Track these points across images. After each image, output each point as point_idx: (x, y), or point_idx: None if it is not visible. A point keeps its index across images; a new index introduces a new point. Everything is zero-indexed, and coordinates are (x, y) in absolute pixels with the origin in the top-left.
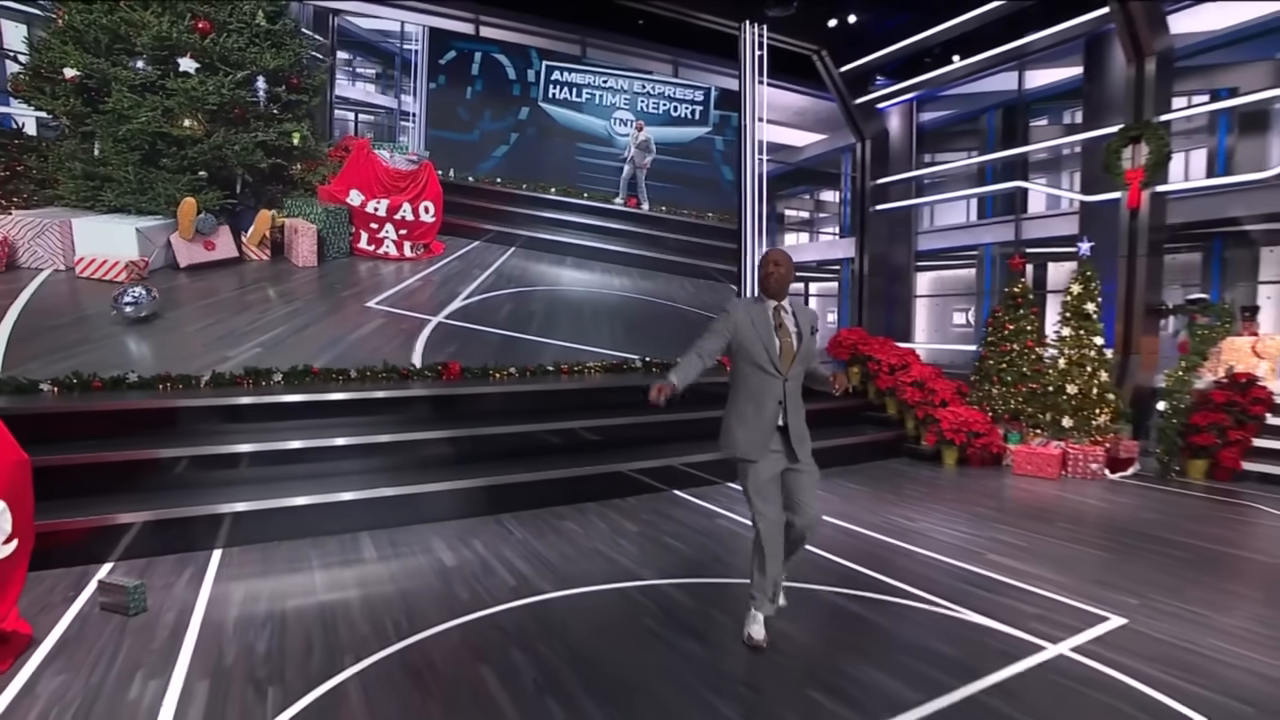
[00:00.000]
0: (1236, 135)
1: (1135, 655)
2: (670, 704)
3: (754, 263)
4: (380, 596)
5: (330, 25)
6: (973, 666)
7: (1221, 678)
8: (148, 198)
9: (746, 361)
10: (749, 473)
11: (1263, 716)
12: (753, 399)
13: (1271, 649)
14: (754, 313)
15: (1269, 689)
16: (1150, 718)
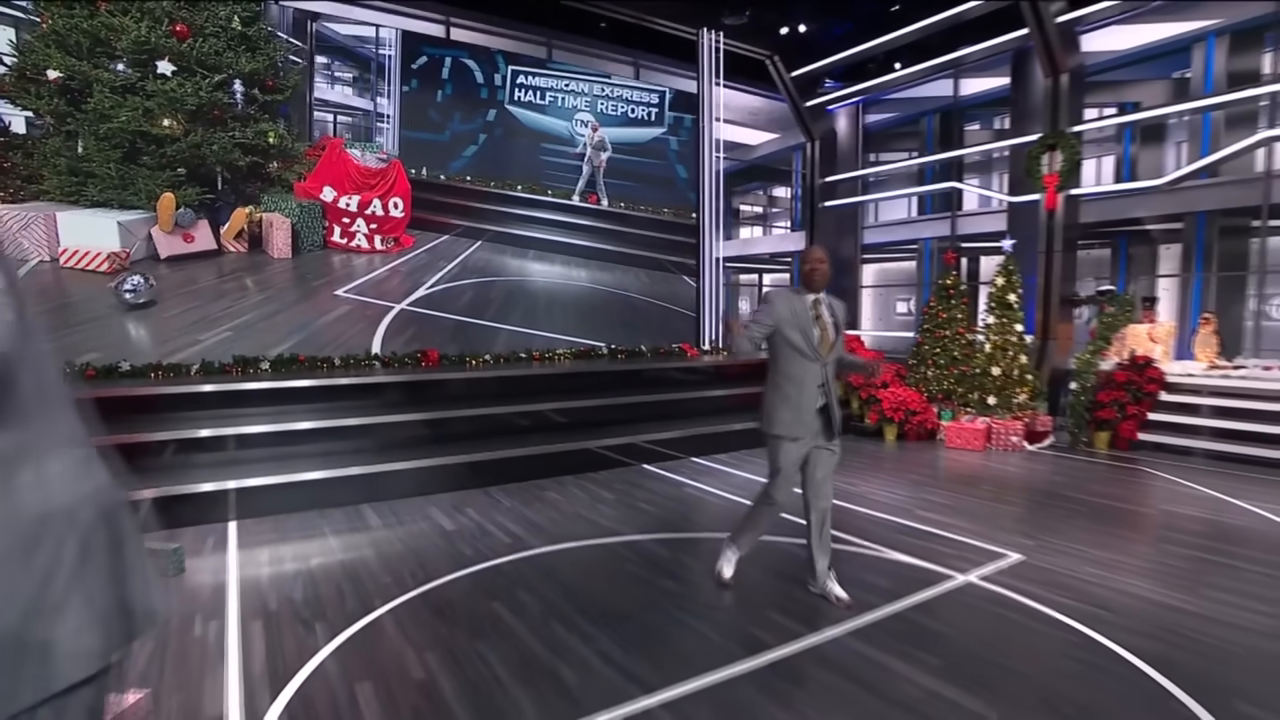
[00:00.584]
0: (1139, 145)
1: (1026, 580)
2: (654, 626)
3: (711, 254)
4: (393, 554)
5: (309, 31)
6: (898, 592)
7: (1088, 594)
8: (129, 193)
9: (788, 347)
10: (781, 450)
11: (1115, 617)
12: (794, 383)
13: (1130, 573)
14: (794, 304)
15: (1121, 600)
16: (1030, 620)
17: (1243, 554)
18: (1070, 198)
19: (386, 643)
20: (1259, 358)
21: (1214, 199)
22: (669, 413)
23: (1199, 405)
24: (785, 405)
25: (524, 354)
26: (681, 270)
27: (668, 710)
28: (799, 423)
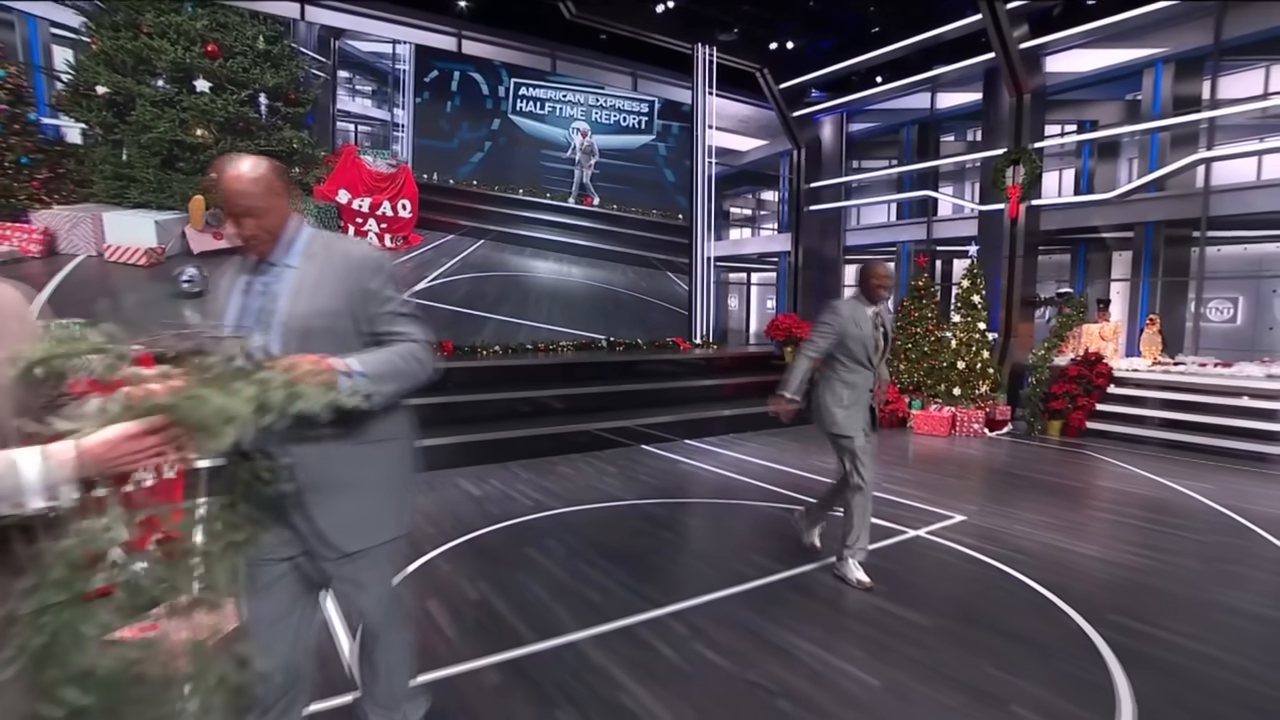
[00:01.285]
0: (1097, 160)
1: (964, 534)
2: (658, 563)
3: (703, 254)
4: (433, 513)
5: (332, 48)
6: None
7: (1012, 544)
8: (166, 195)
9: (847, 355)
10: (853, 445)
11: (1031, 560)
12: (851, 387)
13: (1051, 530)
14: (857, 314)
15: (1038, 548)
16: (962, 562)
17: (1149, 517)
18: (1031, 208)
19: (443, 574)
20: (1197, 355)
21: (1160, 211)
22: (663, 400)
23: (1142, 397)
24: (839, 406)
25: (530, 345)
26: (667, 267)
27: (674, 618)
28: (854, 422)
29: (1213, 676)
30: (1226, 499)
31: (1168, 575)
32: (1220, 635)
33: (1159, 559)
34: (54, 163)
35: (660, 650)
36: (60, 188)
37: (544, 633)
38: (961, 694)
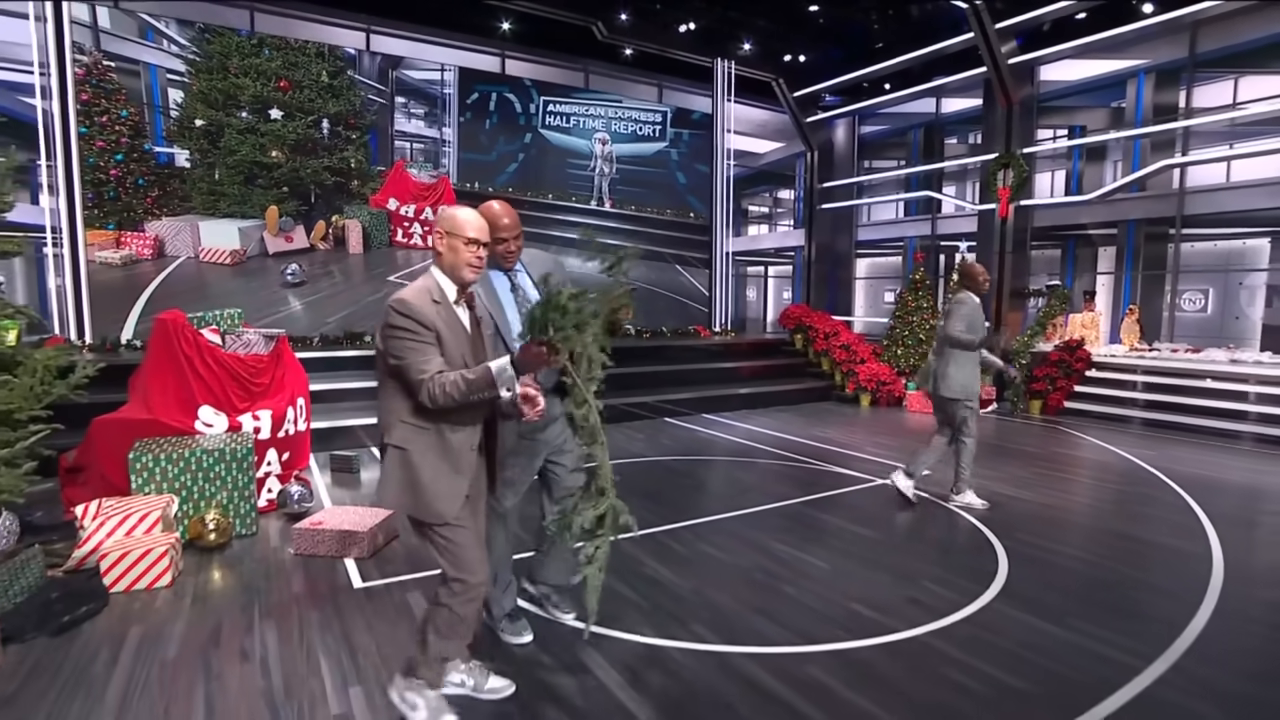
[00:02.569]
0: (1085, 162)
1: (925, 484)
2: (681, 500)
3: (722, 249)
4: None
5: (390, 78)
6: (838, 486)
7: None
8: (248, 206)
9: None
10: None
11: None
12: (971, 359)
13: (996, 481)
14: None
15: (994, 497)
16: (926, 505)
17: (1087, 474)
18: (1022, 207)
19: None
20: (1172, 342)
21: (1141, 210)
22: (684, 380)
23: (1116, 380)
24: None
25: None
26: (678, 262)
27: (685, 530)
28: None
29: (1074, 570)
30: (1162, 463)
31: (1078, 512)
32: (1096, 547)
33: (1078, 502)
34: (163, 183)
35: (673, 548)
36: (168, 203)
37: None
38: (887, 574)
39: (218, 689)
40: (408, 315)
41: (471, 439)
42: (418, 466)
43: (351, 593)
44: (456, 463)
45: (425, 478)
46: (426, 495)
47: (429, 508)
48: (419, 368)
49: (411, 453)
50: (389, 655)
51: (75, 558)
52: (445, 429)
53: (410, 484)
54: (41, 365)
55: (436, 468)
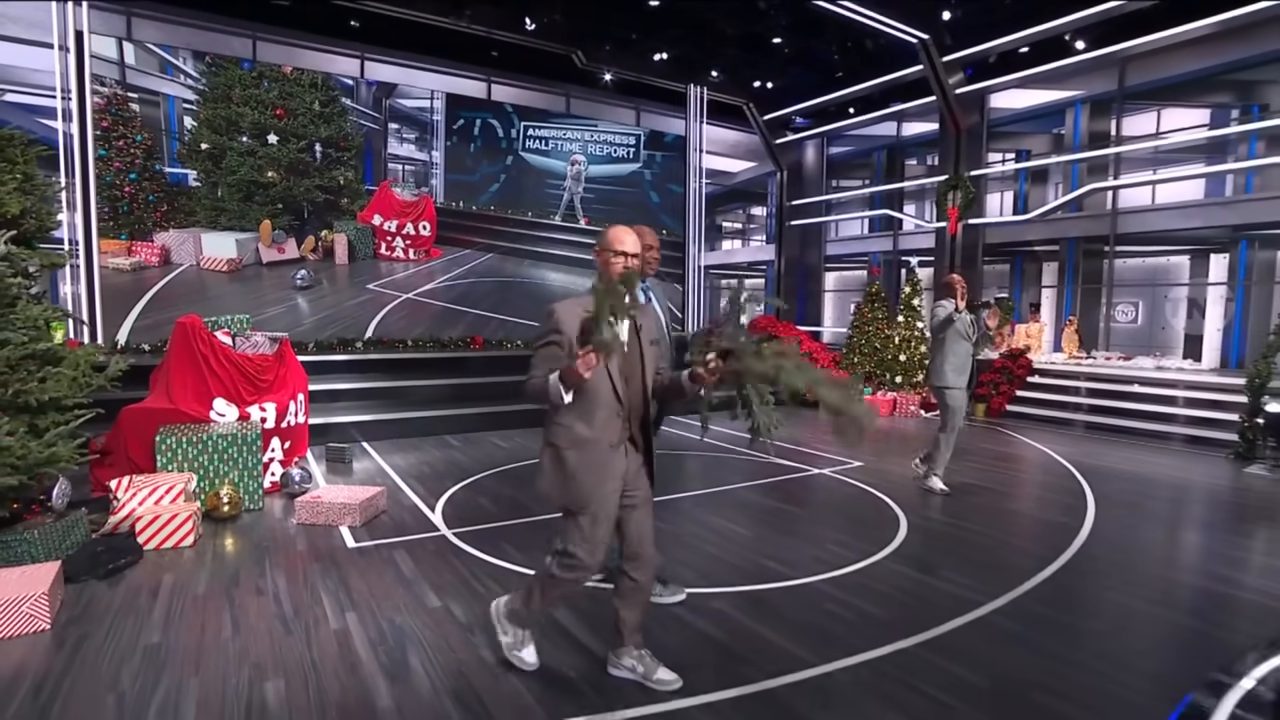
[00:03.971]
0: (1030, 184)
1: (854, 473)
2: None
3: (696, 263)
4: (473, 457)
5: (384, 105)
6: (778, 474)
7: (884, 475)
8: (245, 221)
9: (961, 337)
10: (960, 406)
11: (890, 486)
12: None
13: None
14: None
15: (900, 480)
16: (842, 486)
17: (1002, 465)
18: (970, 225)
19: (490, 486)
20: (1107, 350)
21: (1079, 229)
22: None
23: (1056, 385)
24: (948, 365)
25: None
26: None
27: None
28: (963, 391)
29: (960, 537)
30: (1076, 458)
31: (983, 495)
32: (986, 521)
33: (987, 487)
34: (171, 199)
35: None
36: (174, 216)
37: None
38: (800, 539)
39: (240, 613)
40: (549, 319)
41: (607, 437)
42: (564, 461)
43: (346, 551)
44: (596, 458)
45: (569, 471)
46: (570, 486)
47: (571, 497)
48: (535, 366)
49: (559, 449)
50: (378, 593)
51: (111, 522)
52: (581, 427)
53: (558, 476)
54: (83, 360)
55: (578, 463)
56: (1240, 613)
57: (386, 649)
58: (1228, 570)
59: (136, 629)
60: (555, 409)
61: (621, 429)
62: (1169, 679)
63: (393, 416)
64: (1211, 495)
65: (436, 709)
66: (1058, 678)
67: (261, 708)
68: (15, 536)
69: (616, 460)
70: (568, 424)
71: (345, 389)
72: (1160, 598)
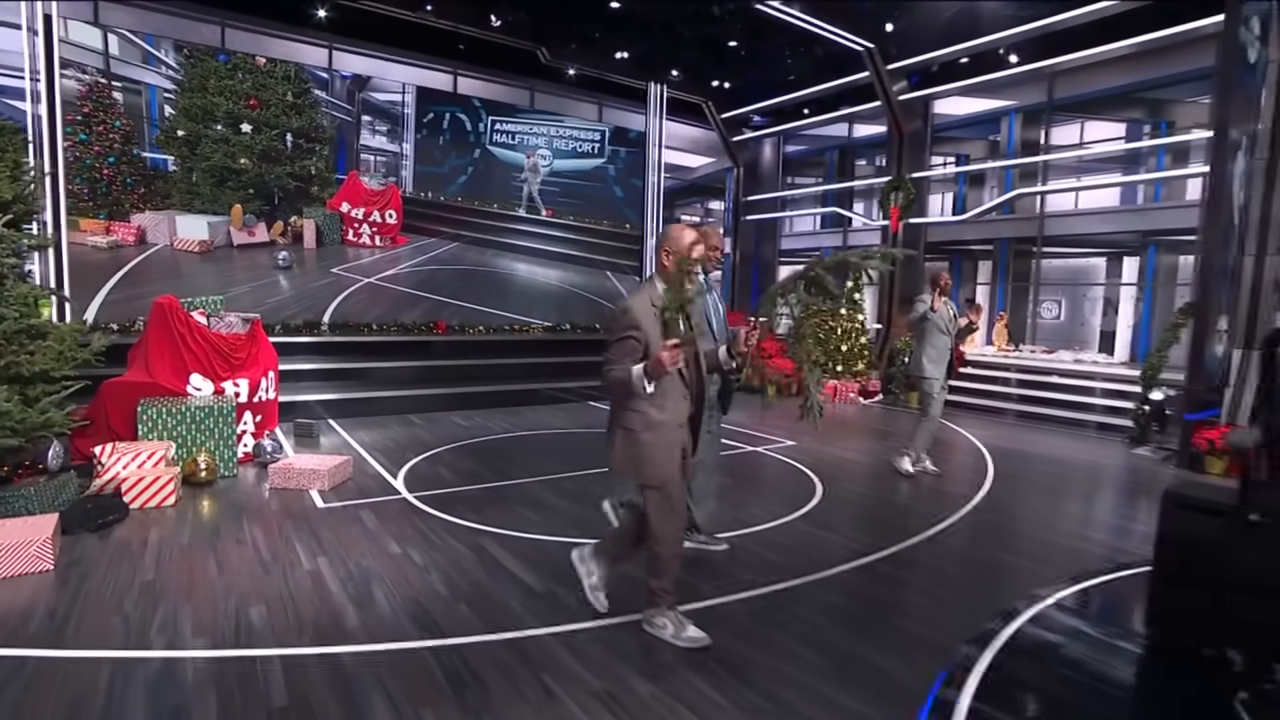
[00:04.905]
0: (969, 187)
1: (785, 451)
2: (580, 457)
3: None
4: (435, 434)
5: (356, 99)
6: None
7: (811, 454)
8: (218, 205)
9: (939, 332)
10: (933, 389)
11: (814, 461)
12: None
13: (845, 449)
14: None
15: (826, 457)
16: (774, 462)
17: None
18: (912, 224)
19: (449, 459)
20: (1033, 344)
21: (1011, 230)
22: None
23: (986, 375)
24: (931, 362)
25: (508, 327)
26: (609, 269)
27: (582, 476)
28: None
29: (866, 503)
30: (989, 440)
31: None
32: (894, 490)
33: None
34: (148, 182)
35: (566, 488)
36: (151, 199)
37: (512, 475)
38: (726, 504)
39: (223, 558)
40: (624, 316)
41: (678, 417)
42: (639, 442)
43: (316, 510)
44: (667, 437)
45: (645, 451)
46: (644, 464)
47: (648, 474)
48: (610, 358)
49: (634, 432)
50: (345, 543)
51: (97, 484)
52: (653, 411)
53: (632, 455)
54: (68, 335)
55: (652, 442)
56: (1081, 559)
57: (353, 584)
58: (1083, 529)
59: (131, 570)
60: (630, 396)
61: (687, 409)
62: (1001, 604)
63: (357, 395)
64: (1098, 473)
65: (396, 627)
66: (915, 606)
67: (248, 627)
68: (12, 492)
69: (682, 436)
70: (642, 410)
71: (311, 369)
72: (1018, 549)
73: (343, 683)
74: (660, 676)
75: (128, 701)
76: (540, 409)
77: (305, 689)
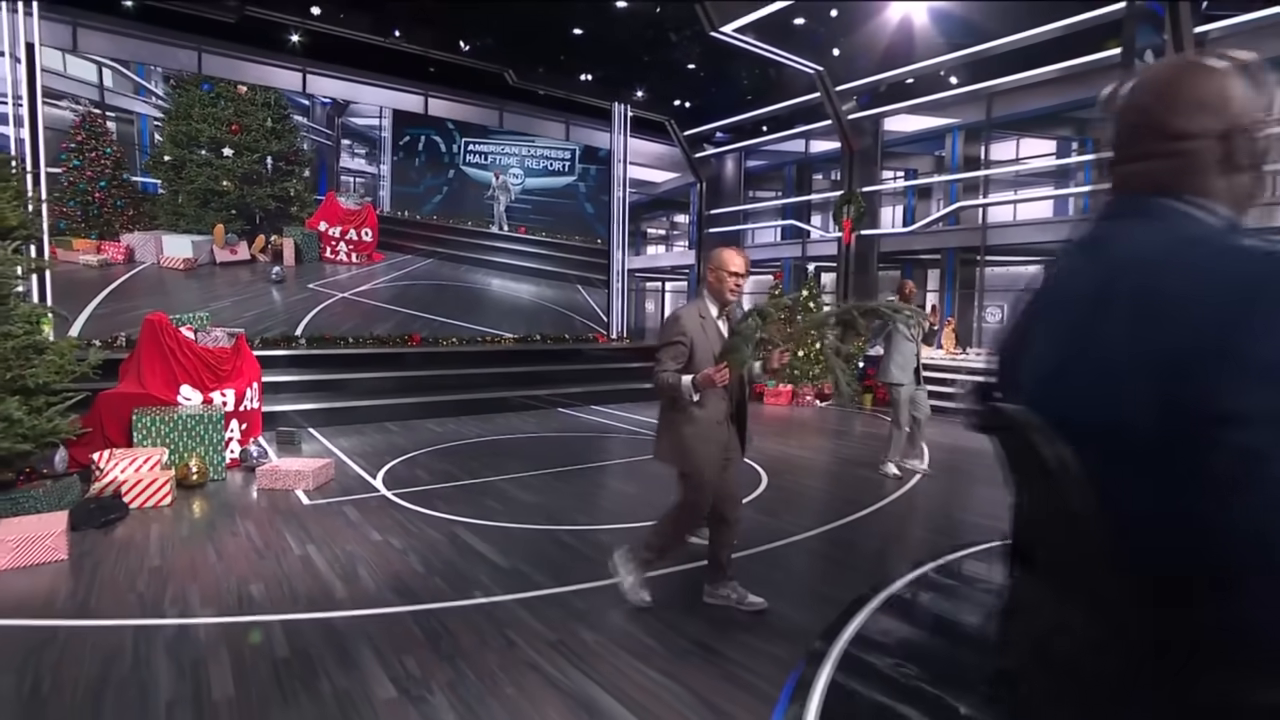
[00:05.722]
0: (918, 199)
1: None
2: (542, 457)
3: (619, 267)
4: (412, 439)
5: (336, 123)
6: None
7: (771, 454)
8: (202, 225)
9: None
10: (900, 394)
11: (761, 455)
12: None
13: (788, 444)
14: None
15: (770, 449)
16: None
17: (872, 443)
18: (861, 236)
19: (425, 461)
20: (979, 347)
21: (957, 240)
22: (578, 378)
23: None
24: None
25: (480, 339)
26: (580, 283)
27: (544, 474)
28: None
29: (806, 494)
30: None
31: (840, 463)
32: (835, 483)
33: (845, 458)
34: (137, 204)
35: (531, 483)
36: (139, 220)
37: (483, 475)
38: None
39: (221, 548)
40: (674, 324)
41: (716, 415)
42: (683, 436)
43: (303, 506)
44: (706, 432)
45: (687, 443)
46: (687, 454)
47: (687, 462)
48: (661, 363)
49: (679, 426)
50: (331, 533)
51: (96, 487)
52: (697, 410)
53: (675, 445)
54: (66, 350)
55: (692, 435)
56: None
57: (340, 565)
58: (1000, 512)
59: (139, 558)
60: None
61: (726, 408)
62: (907, 566)
63: (337, 405)
64: None
65: (379, 597)
66: (828, 573)
67: (249, 599)
68: (22, 494)
69: (721, 432)
70: (684, 407)
71: (291, 380)
72: (934, 525)
73: (336, 639)
74: (604, 629)
75: (153, 657)
76: (511, 415)
77: (304, 644)
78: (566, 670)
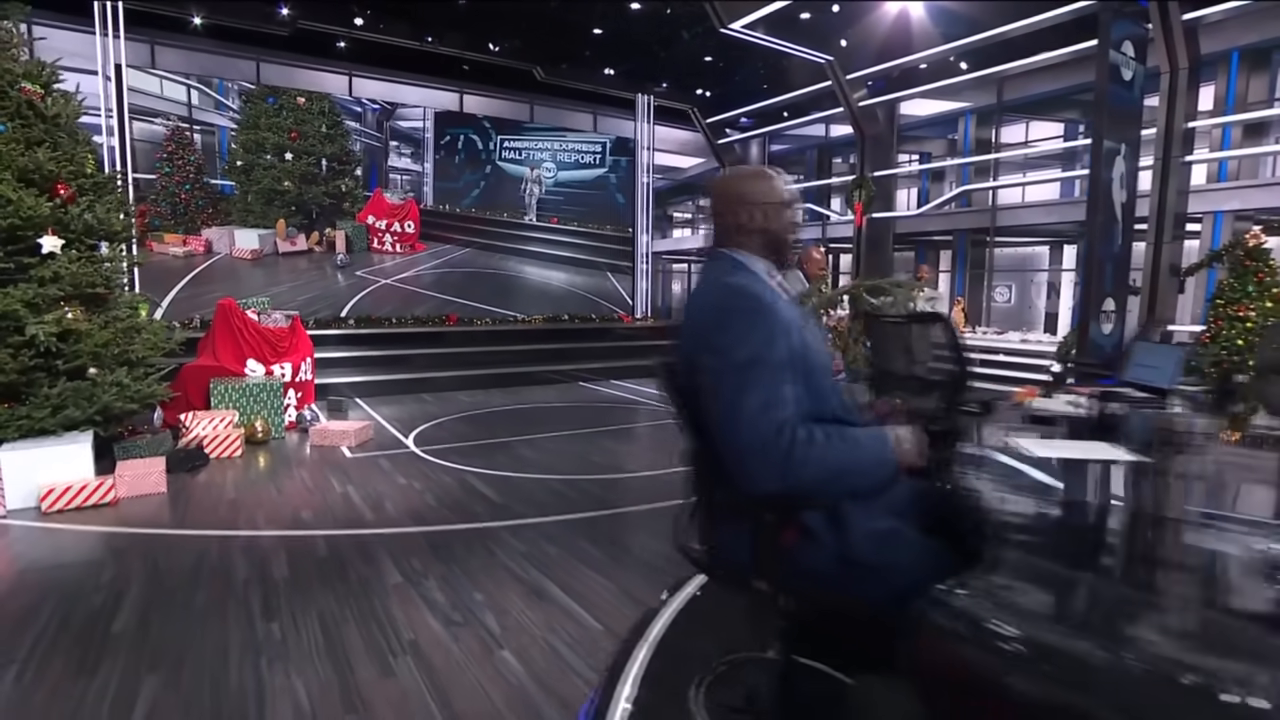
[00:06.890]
0: (931, 182)
1: None
2: (558, 422)
3: (643, 250)
4: (444, 408)
5: (384, 126)
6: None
7: None
8: (266, 220)
9: None
10: None
11: None
12: None
13: None
14: None
15: None
16: None
17: None
18: (872, 219)
19: (451, 425)
20: (986, 326)
21: (968, 222)
22: (602, 354)
23: None
24: None
25: (515, 317)
26: (609, 269)
27: (558, 436)
28: None
29: None
30: None
31: None
32: None
33: None
34: (215, 204)
35: (543, 444)
36: (217, 217)
37: (499, 436)
38: (663, 455)
39: (281, 486)
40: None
41: None
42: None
43: (346, 458)
44: None
45: None
46: None
47: None
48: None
49: None
50: (367, 477)
51: (183, 442)
52: None
53: None
54: (160, 329)
55: None
56: None
57: (371, 500)
58: None
59: (219, 492)
60: None
61: None
62: None
63: (379, 378)
64: None
65: (399, 521)
66: None
67: (301, 521)
68: (131, 444)
69: None
70: None
71: (339, 356)
72: None
73: (362, 547)
74: (564, 546)
75: (231, 557)
76: (535, 388)
77: (339, 550)
78: (529, 570)
